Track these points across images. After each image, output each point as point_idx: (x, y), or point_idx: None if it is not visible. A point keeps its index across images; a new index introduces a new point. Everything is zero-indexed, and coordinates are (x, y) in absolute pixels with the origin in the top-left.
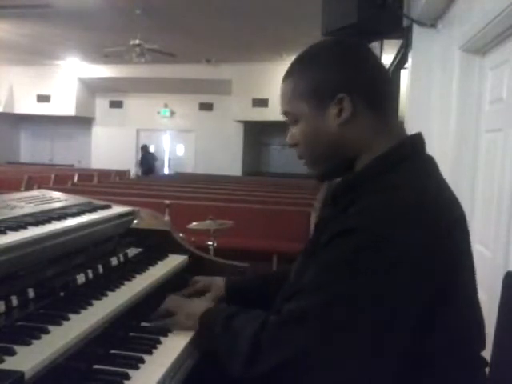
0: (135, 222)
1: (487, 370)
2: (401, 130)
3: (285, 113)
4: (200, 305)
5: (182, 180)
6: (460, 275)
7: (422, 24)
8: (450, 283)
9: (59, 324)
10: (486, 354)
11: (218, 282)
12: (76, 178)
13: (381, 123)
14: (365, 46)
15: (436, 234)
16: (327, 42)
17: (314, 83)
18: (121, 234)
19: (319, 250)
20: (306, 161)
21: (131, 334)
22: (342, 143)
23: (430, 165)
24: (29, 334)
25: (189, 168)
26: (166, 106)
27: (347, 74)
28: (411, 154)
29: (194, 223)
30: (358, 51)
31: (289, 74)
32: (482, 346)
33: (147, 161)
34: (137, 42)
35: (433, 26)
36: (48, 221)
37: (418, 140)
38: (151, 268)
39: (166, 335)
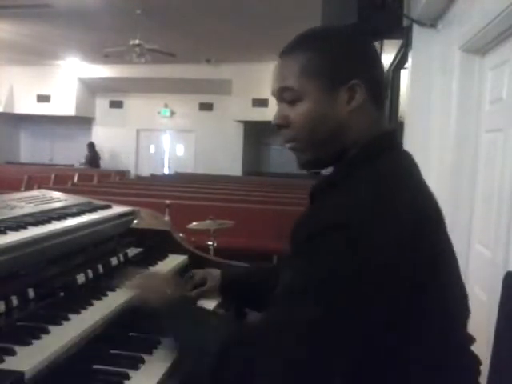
0: (135, 221)
1: (484, 367)
2: (382, 125)
3: (284, 88)
4: (170, 287)
5: (182, 180)
6: (439, 266)
7: (422, 24)
8: (429, 276)
9: (59, 324)
10: (486, 353)
11: (214, 272)
12: (76, 178)
13: (377, 117)
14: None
15: (411, 228)
16: (346, 28)
17: (331, 63)
18: (121, 233)
19: (293, 252)
20: (298, 144)
21: (131, 334)
22: (345, 131)
23: (405, 160)
24: (29, 333)
25: (189, 168)
26: (166, 106)
27: (363, 63)
28: (386, 150)
29: (194, 223)
30: (371, 45)
31: (299, 47)
32: (466, 324)
33: (94, 159)
34: (137, 42)
35: (433, 26)
36: (48, 221)
37: (392, 135)
38: (151, 268)
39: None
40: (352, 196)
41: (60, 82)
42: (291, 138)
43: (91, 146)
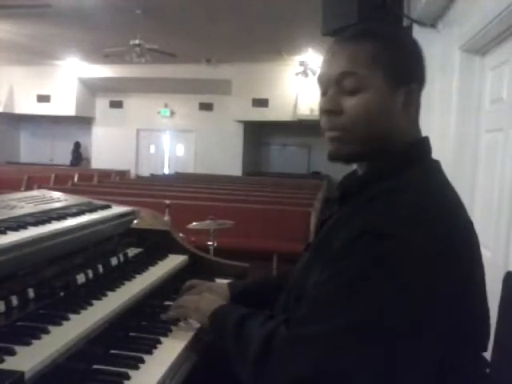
0: (135, 221)
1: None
2: (417, 131)
3: (348, 74)
4: (210, 302)
5: (181, 180)
6: (475, 279)
7: (422, 24)
8: (466, 288)
9: (59, 324)
10: (486, 353)
11: (220, 285)
12: (76, 178)
13: (416, 121)
14: None
15: (452, 237)
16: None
17: (400, 60)
18: (121, 233)
19: (333, 254)
20: (346, 135)
21: (131, 333)
22: (395, 130)
23: (436, 169)
24: (29, 333)
25: (189, 168)
26: (166, 106)
27: (422, 70)
28: (419, 158)
29: (194, 223)
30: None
31: (369, 36)
32: (485, 347)
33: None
34: (137, 42)
35: (433, 26)
36: (48, 221)
37: (426, 143)
38: (151, 268)
39: (166, 335)
40: (390, 205)
41: (60, 82)
42: (341, 126)
43: (78, 145)
